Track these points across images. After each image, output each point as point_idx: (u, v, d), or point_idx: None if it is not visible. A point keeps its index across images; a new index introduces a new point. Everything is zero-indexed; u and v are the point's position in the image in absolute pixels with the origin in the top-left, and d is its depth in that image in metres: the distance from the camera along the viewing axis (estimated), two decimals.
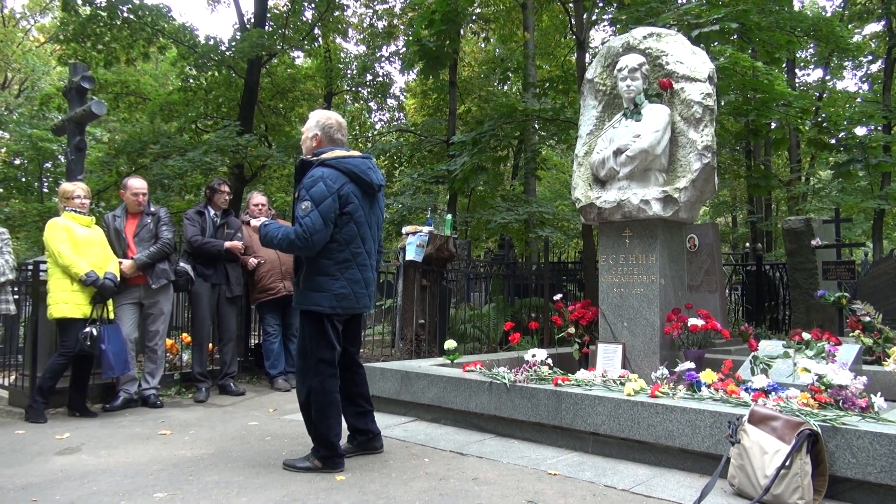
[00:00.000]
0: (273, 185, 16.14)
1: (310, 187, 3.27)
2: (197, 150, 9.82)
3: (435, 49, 7.03)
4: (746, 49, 9.10)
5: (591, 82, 5.30)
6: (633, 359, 4.68)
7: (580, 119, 5.39)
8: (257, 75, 12.31)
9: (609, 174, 4.89)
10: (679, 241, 4.98)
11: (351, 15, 16.10)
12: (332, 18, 14.16)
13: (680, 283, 4.92)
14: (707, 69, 4.75)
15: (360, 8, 16.16)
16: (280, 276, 6.11)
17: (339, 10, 14.34)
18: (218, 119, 13.50)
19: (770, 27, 7.73)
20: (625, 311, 4.79)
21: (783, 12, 8.37)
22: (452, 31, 7.52)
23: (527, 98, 10.01)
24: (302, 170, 3.42)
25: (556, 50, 15.60)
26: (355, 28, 16.44)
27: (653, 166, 4.70)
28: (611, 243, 4.93)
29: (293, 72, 14.96)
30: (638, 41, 4.99)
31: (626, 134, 4.79)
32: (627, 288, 4.80)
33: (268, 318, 6.18)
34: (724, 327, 5.73)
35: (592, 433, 3.69)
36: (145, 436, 4.24)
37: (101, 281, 4.80)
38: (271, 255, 6.11)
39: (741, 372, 4.15)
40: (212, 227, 5.81)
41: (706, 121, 4.62)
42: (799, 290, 7.36)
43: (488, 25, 12.73)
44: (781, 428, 2.85)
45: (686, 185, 4.57)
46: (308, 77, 15.38)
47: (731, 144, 12.08)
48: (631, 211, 4.69)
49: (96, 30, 11.34)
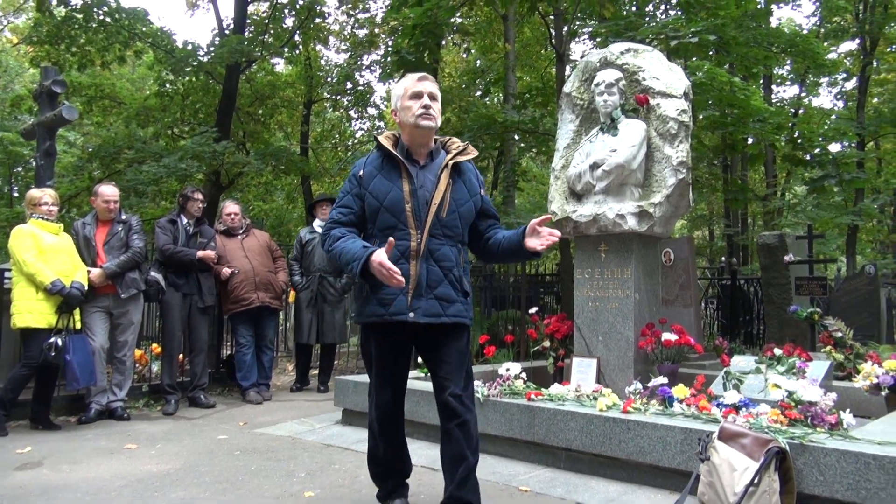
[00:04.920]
0: (250, 193, 16.03)
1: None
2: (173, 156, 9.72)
3: (414, 60, 7.06)
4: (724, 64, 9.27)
5: (568, 96, 5.35)
6: (608, 373, 4.70)
7: (557, 132, 5.43)
8: (236, 81, 12.23)
9: (585, 188, 4.93)
10: (654, 255, 5.02)
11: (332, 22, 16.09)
12: (313, 26, 14.13)
13: (655, 297, 4.96)
14: (683, 85, 4.82)
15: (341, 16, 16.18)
16: (254, 287, 6.05)
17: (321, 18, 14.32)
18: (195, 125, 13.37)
19: (747, 42, 7.87)
20: (600, 326, 4.81)
21: (760, 28, 8.54)
22: (432, 43, 7.56)
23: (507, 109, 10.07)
24: (438, 153, 2.83)
25: (536, 62, 15.71)
26: (336, 36, 16.43)
27: (628, 181, 4.74)
28: (587, 257, 4.96)
29: (273, 78, 14.89)
30: (615, 56, 5.04)
31: (602, 148, 4.83)
32: (603, 302, 4.82)
33: (240, 329, 6.12)
34: (699, 342, 5.78)
35: (565, 449, 3.70)
36: (110, 450, 4.16)
37: (67, 290, 4.72)
38: (245, 265, 6.06)
39: (714, 387, 4.19)
40: (184, 235, 5.74)
41: (681, 137, 4.68)
42: (773, 305, 7.45)
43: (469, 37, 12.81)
44: (750, 445, 2.88)
45: (661, 201, 4.62)
46: (288, 84, 15.33)
47: (710, 159, 12.24)
48: (606, 225, 4.73)
49: (71, 32, 11.20)
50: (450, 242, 2.71)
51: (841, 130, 9.41)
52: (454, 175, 2.76)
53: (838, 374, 5.13)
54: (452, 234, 2.72)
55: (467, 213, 2.77)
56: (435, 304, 2.64)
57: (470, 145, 2.87)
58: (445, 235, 2.69)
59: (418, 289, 2.63)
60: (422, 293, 2.63)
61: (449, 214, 2.70)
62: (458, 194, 2.75)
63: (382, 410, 2.79)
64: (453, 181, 2.74)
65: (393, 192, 2.68)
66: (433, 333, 2.70)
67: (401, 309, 2.62)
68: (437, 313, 2.65)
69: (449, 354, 2.71)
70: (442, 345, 2.71)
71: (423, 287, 2.63)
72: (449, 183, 2.72)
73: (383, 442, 2.82)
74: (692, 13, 7.85)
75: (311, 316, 6.58)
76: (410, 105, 2.72)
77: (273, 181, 15.46)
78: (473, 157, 2.85)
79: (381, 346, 2.75)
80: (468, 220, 2.79)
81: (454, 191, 2.73)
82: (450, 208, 2.70)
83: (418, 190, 2.67)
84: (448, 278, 2.68)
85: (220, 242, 6.04)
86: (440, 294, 2.66)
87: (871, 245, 19.57)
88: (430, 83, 2.77)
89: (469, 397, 2.71)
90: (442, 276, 2.67)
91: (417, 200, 2.66)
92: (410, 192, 2.67)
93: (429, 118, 2.70)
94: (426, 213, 2.65)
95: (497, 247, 2.81)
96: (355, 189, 2.77)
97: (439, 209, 2.67)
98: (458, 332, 2.74)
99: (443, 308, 2.66)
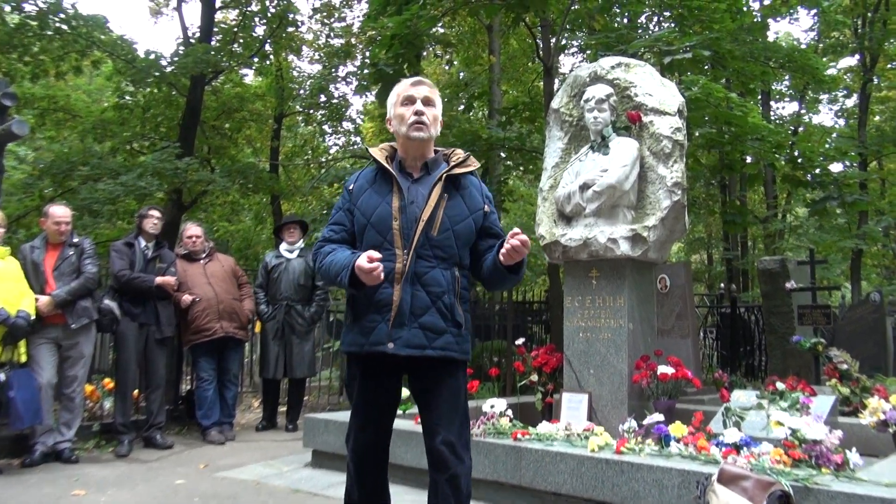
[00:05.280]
0: (215, 213, 15.91)
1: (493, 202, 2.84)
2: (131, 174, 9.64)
3: (393, 73, 7.10)
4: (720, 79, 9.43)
5: (556, 112, 5.40)
6: (600, 409, 4.69)
7: (545, 150, 5.48)
8: (201, 93, 12.21)
9: (575, 210, 4.96)
10: (649, 282, 5.05)
11: (305, 31, 16.19)
12: (285, 35, 14.19)
13: (650, 327, 4.98)
14: (677, 102, 4.89)
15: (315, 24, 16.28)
16: (217, 316, 5.99)
17: (293, 27, 14.40)
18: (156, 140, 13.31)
19: (744, 57, 8.02)
20: (591, 358, 4.80)
21: (757, 42, 8.72)
22: (412, 54, 7.62)
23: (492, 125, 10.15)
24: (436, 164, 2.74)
25: (523, 75, 15.90)
26: (310, 45, 16.52)
27: (621, 203, 4.78)
28: (577, 284, 4.97)
29: (241, 90, 14.89)
30: (606, 71, 5.11)
31: (593, 168, 4.88)
32: (594, 332, 4.82)
33: (202, 362, 6.04)
34: (697, 374, 5.80)
35: (554, 493, 3.67)
36: (56, 496, 4.06)
37: (11, 319, 4.63)
38: (207, 292, 6.00)
39: (713, 425, 4.19)
40: (142, 260, 5.67)
41: (676, 156, 4.74)
42: (775, 335, 7.52)
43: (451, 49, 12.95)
44: (752, 488, 2.87)
45: (655, 224, 4.66)
46: (257, 96, 15.34)
47: (706, 178, 12.41)
48: (598, 250, 4.75)
49: (24, 40, 11.15)
50: (442, 265, 2.59)
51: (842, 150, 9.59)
52: (452, 189, 2.67)
53: (844, 409, 5.17)
54: (445, 256, 2.60)
55: (465, 231, 2.65)
56: (419, 334, 2.53)
57: (472, 157, 2.79)
58: (436, 257, 2.58)
59: (400, 316, 2.52)
60: (404, 322, 2.52)
61: (441, 233, 2.59)
62: (455, 210, 2.64)
63: (361, 452, 2.68)
64: (449, 196, 2.65)
65: (381, 207, 2.61)
66: (420, 369, 2.62)
67: (380, 338, 2.53)
68: (421, 345, 2.53)
69: (439, 395, 2.60)
70: (431, 383, 2.61)
71: (406, 315, 2.53)
72: (443, 198, 2.62)
73: (359, 487, 2.72)
74: (686, 26, 8.00)
75: (278, 348, 6.52)
76: (402, 113, 2.68)
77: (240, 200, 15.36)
78: (472, 169, 2.75)
79: (364, 380, 2.65)
80: (466, 239, 2.67)
81: (449, 207, 2.63)
82: (442, 226, 2.59)
83: (408, 206, 2.59)
84: (436, 306, 2.56)
85: (180, 267, 5.98)
86: (426, 323, 2.55)
87: (877, 270, 19.84)
88: (425, 87, 2.71)
89: (464, 445, 2.59)
90: (429, 302, 2.55)
91: (406, 217, 2.57)
92: (399, 209, 2.59)
93: (420, 128, 2.64)
94: (414, 231, 2.56)
95: (485, 269, 2.70)
96: (346, 204, 2.73)
97: (428, 227, 2.57)
98: (451, 369, 2.63)
99: (428, 339, 2.54)
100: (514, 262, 2.51)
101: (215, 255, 6.39)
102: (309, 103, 15.42)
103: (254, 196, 14.85)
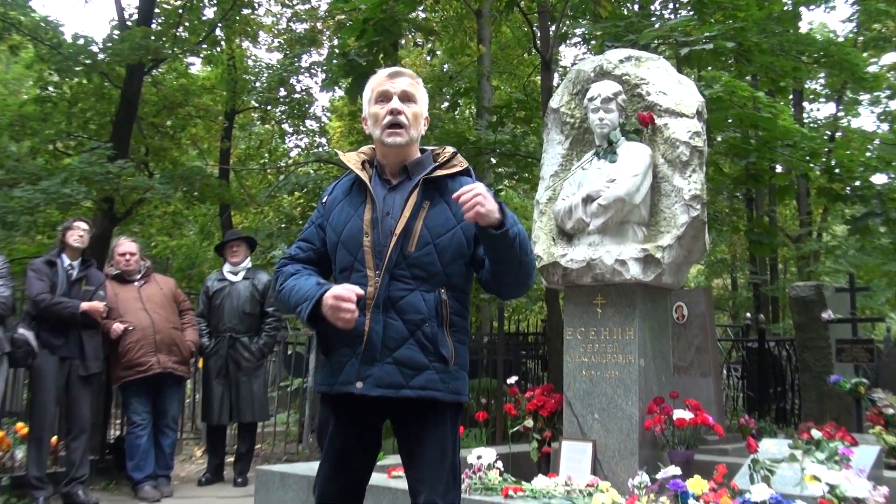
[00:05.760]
0: (153, 226, 15.82)
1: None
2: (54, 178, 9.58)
3: (366, 64, 7.14)
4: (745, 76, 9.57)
5: (556, 112, 5.45)
6: (606, 461, 4.68)
7: (543, 157, 5.51)
8: (139, 85, 12.20)
9: (577, 226, 4.98)
10: (663, 311, 5.07)
11: (263, 14, 16.26)
12: (240, 18, 14.24)
13: (664, 364, 4.99)
14: (695, 102, 4.94)
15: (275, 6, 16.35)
16: (153, 348, 5.94)
17: (249, 9, 14.45)
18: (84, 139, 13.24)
19: (773, 50, 8.14)
20: (596, 400, 4.80)
21: (788, 34, 8.87)
22: (387, 43, 7.67)
23: (480, 126, 10.22)
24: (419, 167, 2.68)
25: (517, 68, 16.05)
26: (268, 31, 16.58)
27: (630, 218, 4.81)
28: (579, 313, 4.98)
29: (187, 82, 14.90)
30: (613, 65, 5.17)
31: (598, 177, 4.91)
32: (599, 370, 4.83)
33: (134, 403, 5.99)
34: (720, 420, 5.82)
35: None
36: None
37: None
38: (142, 319, 5.96)
39: (738, 479, 4.19)
40: (65, 281, 5.63)
41: (694, 165, 4.78)
42: (810, 374, 7.56)
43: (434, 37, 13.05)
44: None
45: (671, 243, 4.69)
46: (206, 89, 15.35)
47: (730, 191, 12.53)
48: (604, 273, 4.77)
49: None
50: (423, 287, 2.52)
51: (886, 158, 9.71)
52: (435, 195, 2.59)
53: (890, 461, 5.20)
54: (425, 276, 2.52)
55: (451, 245, 2.56)
56: (393, 371, 2.47)
57: (459, 155, 2.72)
58: (415, 277, 2.51)
59: (371, 350, 2.47)
60: (375, 356, 2.47)
61: (419, 248, 2.52)
62: (438, 220, 2.55)
63: None
64: (432, 203, 2.57)
65: (352, 221, 2.59)
66: (400, 413, 2.57)
67: (349, 377, 2.49)
68: (396, 384, 2.47)
69: (422, 445, 2.53)
70: (414, 431, 2.55)
71: (378, 348, 2.47)
72: (422, 206, 2.56)
73: None
74: (706, 14, 8.12)
75: (223, 388, 6.47)
76: (377, 112, 2.63)
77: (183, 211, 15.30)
78: (458, 170, 2.66)
79: (336, 426, 2.62)
80: (455, 254, 2.57)
81: (431, 216, 2.55)
82: (421, 240, 2.52)
83: (383, 218, 2.55)
84: (415, 336, 2.49)
85: (111, 290, 5.93)
86: (402, 358, 2.48)
87: None
88: (404, 80, 2.66)
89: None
90: (406, 332, 2.49)
91: (379, 232, 2.53)
92: (371, 222, 2.55)
93: (396, 132, 2.59)
94: (387, 247, 2.51)
95: (485, 268, 2.58)
96: (319, 219, 2.72)
97: (403, 242, 2.51)
98: (437, 414, 2.54)
99: (405, 377, 2.47)
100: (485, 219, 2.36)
101: (153, 275, 6.35)
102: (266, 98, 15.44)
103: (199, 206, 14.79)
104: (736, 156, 9.05)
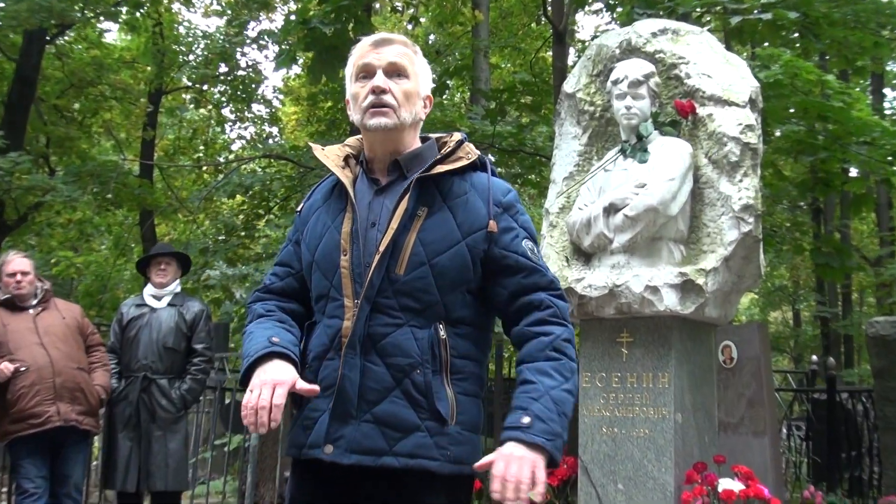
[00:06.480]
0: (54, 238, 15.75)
1: (522, 213, 2.60)
2: None
3: (331, 35, 7.13)
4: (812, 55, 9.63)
5: (571, 98, 5.46)
6: None
7: (554, 155, 5.52)
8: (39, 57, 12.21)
9: (597, 243, 4.98)
10: (706, 352, 5.07)
11: None
12: None
13: (707, 419, 4.99)
14: (749, 88, 4.96)
15: None
16: (52, 395, 5.86)
17: None
18: None
19: (846, 23, 8.17)
20: (620, 465, 4.79)
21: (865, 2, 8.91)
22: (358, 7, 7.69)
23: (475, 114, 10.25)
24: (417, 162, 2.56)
25: (523, 41, 16.11)
26: None
27: (665, 234, 4.82)
28: (599, 353, 4.97)
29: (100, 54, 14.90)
30: (644, 40, 5.19)
31: (624, 181, 4.92)
32: (624, 427, 4.82)
33: (26, 465, 5.89)
34: (778, 493, 5.80)
35: None
36: None
37: None
38: (38, 357, 5.88)
39: None
40: None
41: (747, 166, 4.79)
42: (892, 433, 7.57)
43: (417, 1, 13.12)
44: None
45: (716, 266, 4.69)
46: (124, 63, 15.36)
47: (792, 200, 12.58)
48: (631, 303, 4.77)
49: None
50: (414, 321, 2.38)
51: None
52: (436, 199, 2.47)
53: None
54: (418, 307, 2.39)
55: (453, 266, 2.42)
56: (373, 431, 2.33)
57: (467, 144, 2.59)
58: (405, 309, 2.38)
59: (343, 404, 2.35)
60: (350, 412, 2.35)
61: (410, 271, 2.38)
62: (435, 234, 2.42)
63: None
64: (429, 210, 2.45)
65: (328, 235, 2.48)
66: (380, 486, 2.41)
67: (318, 439, 2.38)
68: (376, 449, 2.33)
69: None
70: None
71: (353, 401, 2.35)
72: (416, 216, 2.42)
73: None
74: None
75: (131, 444, 6.35)
76: (357, 91, 2.52)
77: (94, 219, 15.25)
78: (465, 164, 2.53)
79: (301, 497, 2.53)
80: (458, 279, 2.44)
81: (426, 228, 2.42)
82: (412, 259, 2.38)
83: (367, 230, 2.43)
84: (402, 386, 2.35)
85: None
86: (383, 414, 2.34)
87: None
88: (392, 49, 2.53)
89: None
90: (390, 381, 2.35)
91: (360, 248, 2.41)
92: (350, 235, 2.43)
93: (380, 112, 2.45)
94: (369, 268, 2.38)
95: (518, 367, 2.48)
96: (295, 235, 2.62)
97: (390, 262, 2.38)
98: (430, 489, 2.39)
99: (387, 440, 2.33)
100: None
101: (52, 301, 6.28)
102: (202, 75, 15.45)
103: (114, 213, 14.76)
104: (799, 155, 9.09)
